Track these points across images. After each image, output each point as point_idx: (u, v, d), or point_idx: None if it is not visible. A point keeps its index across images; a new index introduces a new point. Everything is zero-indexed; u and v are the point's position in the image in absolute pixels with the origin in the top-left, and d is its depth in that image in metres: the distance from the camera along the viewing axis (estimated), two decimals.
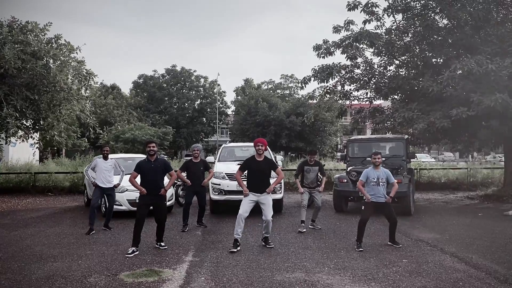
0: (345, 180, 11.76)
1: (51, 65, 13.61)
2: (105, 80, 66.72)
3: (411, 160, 13.44)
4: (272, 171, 7.88)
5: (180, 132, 50.32)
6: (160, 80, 54.94)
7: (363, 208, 7.85)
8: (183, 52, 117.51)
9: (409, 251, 7.37)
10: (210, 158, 12.91)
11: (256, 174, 7.61)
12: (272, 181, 8.05)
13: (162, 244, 7.67)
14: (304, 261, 6.72)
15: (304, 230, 9.23)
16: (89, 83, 15.02)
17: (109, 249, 7.58)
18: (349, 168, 12.12)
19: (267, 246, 7.67)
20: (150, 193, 7.39)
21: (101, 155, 9.66)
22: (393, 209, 7.87)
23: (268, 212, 7.55)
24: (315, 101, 17.74)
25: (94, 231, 9.12)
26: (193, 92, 55.34)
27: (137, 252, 7.21)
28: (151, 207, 7.64)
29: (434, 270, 6.19)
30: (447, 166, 22.63)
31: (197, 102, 55.64)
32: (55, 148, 34.63)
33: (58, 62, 14.24)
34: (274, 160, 12.80)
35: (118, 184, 9.69)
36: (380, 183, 7.61)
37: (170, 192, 12.09)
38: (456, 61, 11.31)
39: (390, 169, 10.76)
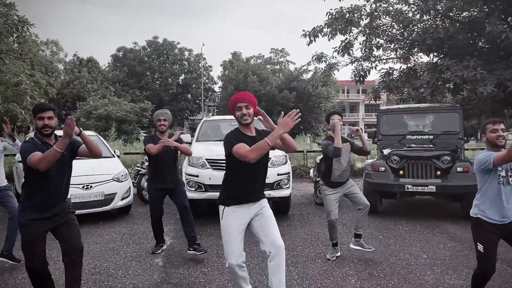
0: (383, 169, 8.03)
1: None
2: (82, 54, 61.52)
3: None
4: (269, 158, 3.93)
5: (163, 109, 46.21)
6: (141, 53, 50.36)
7: (478, 232, 3.75)
8: (169, 28, 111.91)
9: None
10: (186, 137, 8.85)
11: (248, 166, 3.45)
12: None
13: None
14: None
15: (338, 254, 5.56)
16: (23, 34, 11.02)
17: None
18: (386, 151, 8.36)
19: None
20: (47, 207, 3.61)
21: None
22: None
23: (274, 236, 3.54)
24: (323, 65, 13.83)
25: None
26: (177, 66, 51.01)
27: None
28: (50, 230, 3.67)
29: None
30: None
31: (181, 77, 51.42)
32: (23, 126, 30.47)
33: None
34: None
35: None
36: (510, 179, 3.77)
37: (127, 185, 8.29)
38: None
39: (443, 152, 7.75)
